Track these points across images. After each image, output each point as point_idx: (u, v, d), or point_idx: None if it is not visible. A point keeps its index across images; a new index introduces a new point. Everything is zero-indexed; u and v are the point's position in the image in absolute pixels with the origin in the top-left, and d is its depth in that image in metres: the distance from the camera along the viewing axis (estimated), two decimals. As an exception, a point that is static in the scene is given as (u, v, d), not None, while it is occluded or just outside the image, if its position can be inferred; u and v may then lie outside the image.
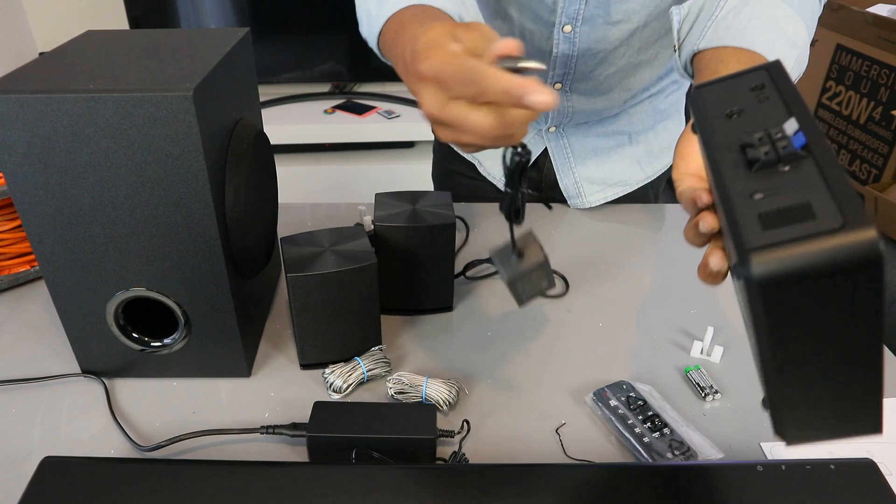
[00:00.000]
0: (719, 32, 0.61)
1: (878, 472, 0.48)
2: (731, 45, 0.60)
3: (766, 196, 0.33)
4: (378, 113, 2.20)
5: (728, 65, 0.58)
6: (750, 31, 0.59)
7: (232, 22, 2.14)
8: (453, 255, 0.71)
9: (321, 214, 0.94)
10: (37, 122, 0.49)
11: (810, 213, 0.31)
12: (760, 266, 0.30)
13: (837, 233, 0.29)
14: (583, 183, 0.95)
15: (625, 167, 0.95)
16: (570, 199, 0.97)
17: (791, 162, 0.34)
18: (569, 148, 0.93)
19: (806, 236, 0.30)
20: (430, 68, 0.46)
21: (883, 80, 1.62)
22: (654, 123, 0.94)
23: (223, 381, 0.64)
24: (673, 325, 0.73)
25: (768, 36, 0.59)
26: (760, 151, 0.35)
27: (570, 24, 0.77)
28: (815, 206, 0.31)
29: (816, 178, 0.32)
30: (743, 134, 0.37)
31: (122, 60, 0.56)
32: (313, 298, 0.60)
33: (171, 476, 0.47)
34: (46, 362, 0.66)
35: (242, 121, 0.63)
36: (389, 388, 0.61)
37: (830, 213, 0.30)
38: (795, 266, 0.30)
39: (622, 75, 0.84)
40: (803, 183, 0.33)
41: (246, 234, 0.58)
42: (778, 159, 0.34)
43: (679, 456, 0.54)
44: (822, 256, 0.29)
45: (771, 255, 0.30)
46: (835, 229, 0.29)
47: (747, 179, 0.35)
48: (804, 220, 0.31)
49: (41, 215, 0.54)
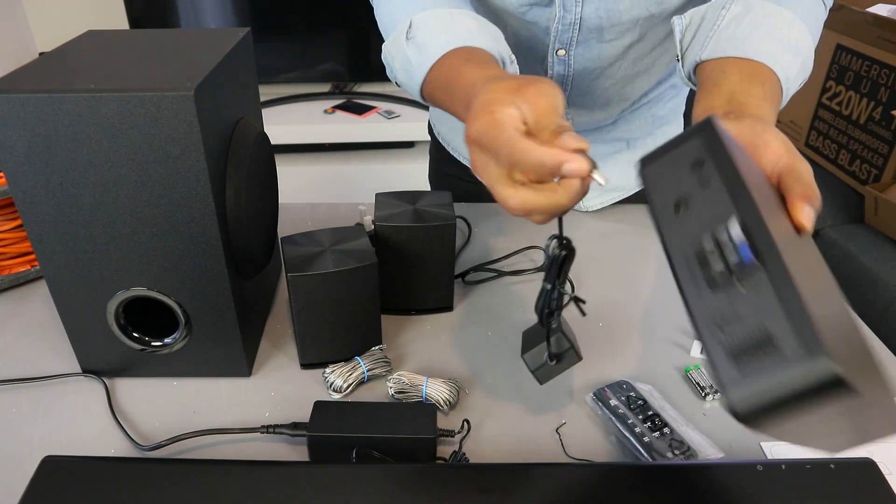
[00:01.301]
0: (721, 43, 0.60)
1: (878, 472, 0.48)
2: (734, 55, 0.59)
3: (728, 326, 0.34)
4: (378, 113, 2.20)
5: (730, 76, 0.57)
6: (752, 41, 0.59)
7: (232, 22, 2.14)
8: (453, 255, 0.71)
9: (321, 214, 0.94)
10: (37, 121, 0.49)
11: (771, 344, 0.32)
12: (741, 404, 0.33)
13: (800, 364, 0.31)
14: None
15: (623, 173, 0.94)
16: None
17: (746, 279, 0.34)
18: None
19: (773, 371, 0.32)
20: (473, 133, 0.46)
21: (883, 80, 1.62)
22: (652, 129, 0.94)
23: (223, 381, 0.64)
24: (673, 325, 0.73)
25: (771, 45, 0.59)
26: (716, 269, 0.35)
27: (564, 48, 0.77)
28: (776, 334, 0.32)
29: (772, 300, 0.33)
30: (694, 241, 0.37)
31: (123, 60, 0.56)
32: (313, 298, 0.60)
33: (172, 476, 0.47)
34: (47, 362, 0.66)
35: (243, 121, 0.63)
36: (389, 388, 0.61)
37: (790, 343, 0.32)
38: (769, 399, 0.32)
39: (620, 86, 0.84)
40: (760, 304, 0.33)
41: (246, 234, 0.58)
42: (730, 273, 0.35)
43: (679, 456, 0.54)
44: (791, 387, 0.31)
45: (746, 392, 0.32)
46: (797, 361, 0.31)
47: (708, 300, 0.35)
48: (768, 352, 0.32)
49: (42, 215, 0.54)
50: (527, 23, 0.76)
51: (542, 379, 0.57)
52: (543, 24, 0.76)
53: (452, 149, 1.01)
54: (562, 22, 0.74)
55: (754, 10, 0.61)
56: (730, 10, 0.62)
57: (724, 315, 0.34)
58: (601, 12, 0.73)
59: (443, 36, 0.62)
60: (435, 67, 0.61)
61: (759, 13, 0.61)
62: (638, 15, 0.73)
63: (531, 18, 0.76)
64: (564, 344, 0.55)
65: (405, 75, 0.65)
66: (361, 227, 0.66)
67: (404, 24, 0.64)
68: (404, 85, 0.68)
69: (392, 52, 0.66)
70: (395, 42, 0.65)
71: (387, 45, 0.68)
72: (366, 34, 2.18)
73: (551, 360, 0.55)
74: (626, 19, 0.73)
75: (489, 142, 0.45)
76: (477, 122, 0.46)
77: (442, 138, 1.03)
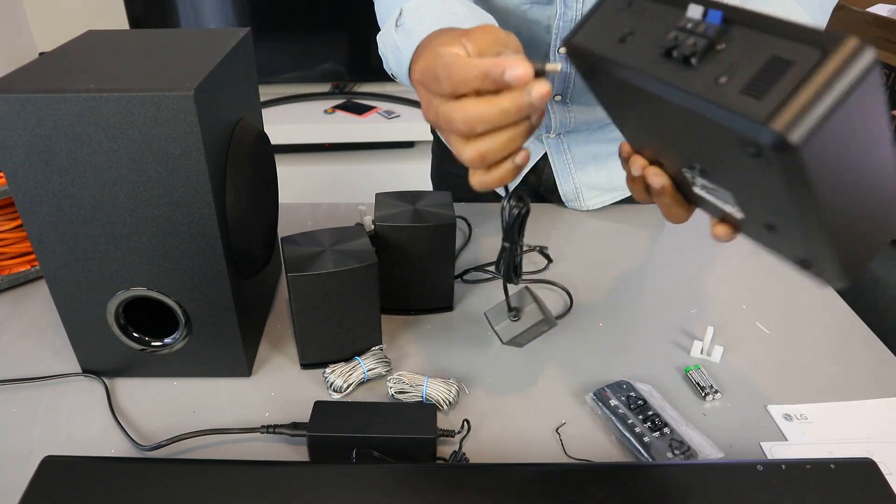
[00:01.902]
0: None
1: (878, 472, 0.48)
2: None
3: (729, 77, 0.31)
4: (378, 113, 2.20)
5: None
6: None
7: (232, 22, 2.14)
8: (454, 255, 0.71)
9: (321, 214, 0.94)
10: (37, 121, 0.49)
11: (786, 63, 0.29)
12: (790, 130, 0.28)
13: (827, 58, 0.27)
14: (582, 188, 0.95)
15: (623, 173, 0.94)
16: (569, 203, 0.96)
17: (723, 37, 0.32)
18: (569, 154, 0.93)
19: (803, 79, 0.28)
20: (416, 73, 0.44)
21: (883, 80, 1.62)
22: None
23: (223, 381, 0.64)
24: (673, 325, 0.73)
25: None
26: (688, 45, 0.33)
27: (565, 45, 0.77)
28: (784, 55, 0.29)
29: (760, 36, 0.30)
30: (655, 44, 0.34)
31: (123, 60, 0.56)
32: (313, 298, 0.60)
33: (172, 476, 0.47)
34: (47, 362, 0.66)
35: (243, 121, 0.63)
36: (389, 388, 0.61)
37: (803, 52, 0.28)
38: (819, 111, 0.28)
39: None
40: (752, 46, 0.31)
41: (246, 233, 0.58)
42: (711, 41, 0.32)
43: (679, 456, 0.54)
44: (834, 86, 0.27)
45: (789, 114, 0.28)
46: (822, 59, 0.28)
47: (696, 75, 0.32)
48: (787, 70, 0.29)
49: (42, 215, 0.54)
50: (528, 21, 0.77)
51: (505, 337, 0.56)
52: (545, 22, 0.76)
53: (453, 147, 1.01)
54: (563, 19, 0.74)
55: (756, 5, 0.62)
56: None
57: (719, 74, 0.31)
58: None
59: (429, 20, 0.61)
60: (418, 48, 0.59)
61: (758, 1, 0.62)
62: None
63: (532, 17, 0.76)
64: (528, 300, 0.55)
65: (395, 63, 0.64)
66: (361, 227, 0.66)
67: (396, 12, 0.64)
68: (396, 74, 0.67)
69: (384, 42, 0.66)
70: (387, 32, 0.65)
71: (380, 36, 0.68)
72: (366, 34, 2.18)
73: (510, 311, 0.55)
74: None
75: (430, 73, 0.43)
76: (419, 62, 0.44)
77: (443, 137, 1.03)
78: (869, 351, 0.69)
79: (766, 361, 0.68)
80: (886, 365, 0.67)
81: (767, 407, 0.62)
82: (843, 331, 0.73)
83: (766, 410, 0.61)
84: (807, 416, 0.61)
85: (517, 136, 0.43)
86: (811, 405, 0.62)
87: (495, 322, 0.57)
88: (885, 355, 0.69)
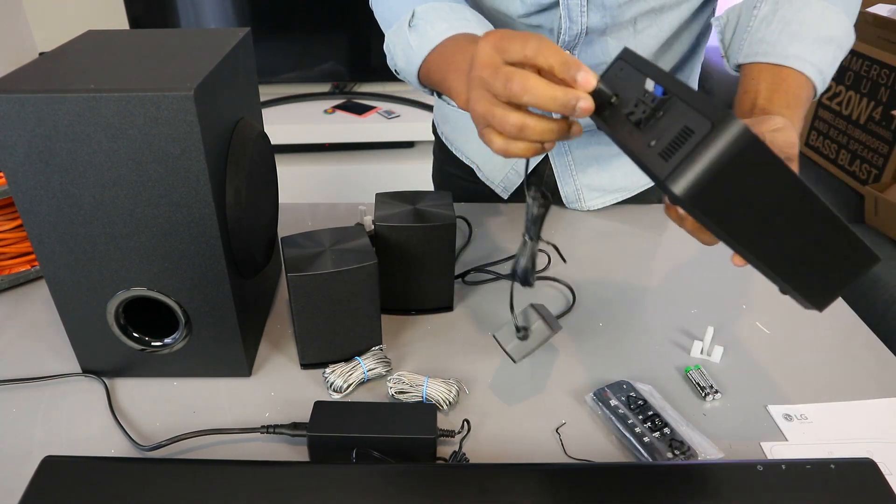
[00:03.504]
0: (754, 47, 0.66)
1: (878, 472, 0.48)
2: (764, 61, 0.64)
3: (657, 140, 0.41)
4: (378, 113, 2.20)
5: (760, 83, 0.63)
6: (781, 44, 0.64)
7: (232, 22, 2.14)
8: (453, 255, 0.71)
9: (321, 214, 0.94)
10: (37, 121, 0.49)
11: (689, 132, 0.38)
12: (677, 187, 0.38)
13: (712, 132, 0.37)
14: (583, 189, 0.95)
15: (626, 174, 0.94)
16: (570, 204, 0.96)
17: (662, 107, 0.42)
18: (570, 155, 0.93)
19: (692, 149, 0.38)
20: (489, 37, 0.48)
21: (883, 80, 1.62)
22: None
23: (223, 381, 0.64)
24: (673, 325, 0.73)
25: (800, 46, 0.63)
26: (638, 112, 0.43)
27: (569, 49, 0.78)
28: (691, 126, 0.38)
29: (683, 107, 0.40)
30: (624, 108, 0.45)
31: (123, 60, 0.56)
32: (313, 298, 0.60)
33: (172, 476, 0.47)
34: (47, 362, 0.66)
35: (243, 121, 0.63)
36: (389, 388, 0.61)
37: (702, 124, 0.38)
38: (697, 173, 0.38)
39: None
40: (676, 116, 0.40)
41: (246, 234, 0.58)
42: (653, 111, 0.42)
43: (679, 456, 0.54)
44: (711, 155, 0.37)
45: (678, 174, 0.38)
46: (709, 131, 0.37)
47: (641, 137, 0.43)
48: (688, 139, 0.38)
49: (42, 215, 0.54)
50: (531, 27, 0.77)
51: (517, 356, 0.58)
52: (548, 26, 0.76)
53: (455, 148, 1.01)
54: (568, 33, 0.75)
55: (784, 8, 0.65)
56: (760, 10, 0.66)
57: (651, 137, 0.42)
58: (607, 19, 0.73)
59: (443, 24, 0.65)
60: (434, 51, 0.65)
61: (788, 9, 0.65)
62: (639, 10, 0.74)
63: (535, 23, 0.76)
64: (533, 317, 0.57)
65: (405, 61, 0.69)
66: (361, 227, 0.66)
67: (408, 14, 0.69)
68: (403, 71, 0.72)
69: (394, 41, 0.71)
70: (398, 31, 0.70)
71: (389, 34, 0.72)
72: (366, 34, 2.18)
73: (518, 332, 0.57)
74: (627, 17, 0.74)
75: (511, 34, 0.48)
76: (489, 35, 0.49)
77: (445, 138, 1.03)
78: (869, 351, 0.69)
79: (766, 361, 0.68)
80: (886, 365, 0.67)
81: (767, 407, 0.62)
82: (843, 331, 0.73)
83: (766, 410, 0.61)
84: (807, 416, 0.61)
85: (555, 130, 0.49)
86: (811, 405, 0.62)
87: (505, 343, 0.58)
88: (885, 355, 0.69)
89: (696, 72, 0.91)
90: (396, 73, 0.73)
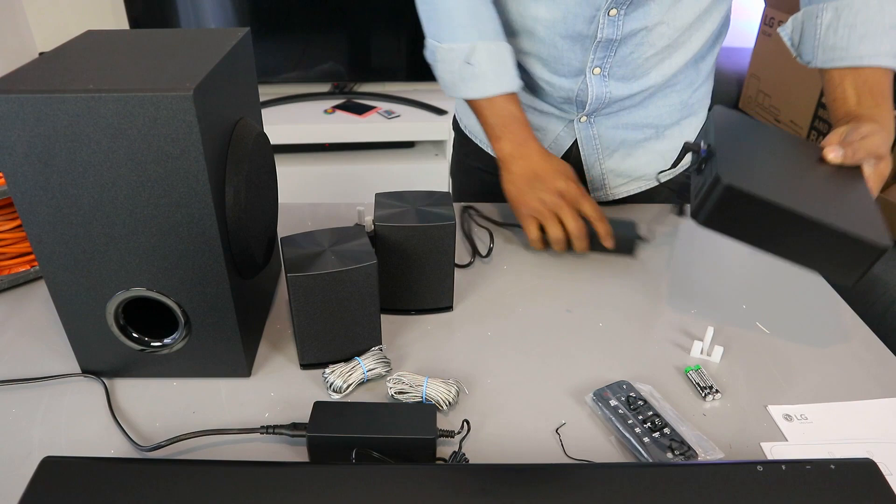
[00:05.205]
0: (828, 53, 0.74)
1: (878, 472, 0.48)
2: (841, 65, 0.73)
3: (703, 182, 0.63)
4: (378, 113, 2.20)
5: (846, 90, 0.73)
6: (852, 47, 0.72)
7: (232, 22, 2.14)
8: (453, 254, 0.71)
9: (321, 214, 0.94)
10: (37, 121, 0.49)
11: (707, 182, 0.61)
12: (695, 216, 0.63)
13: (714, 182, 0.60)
14: (608, 174, 0.96)
15: (650, 161, 0.95)
16: (594, 192, 0.97)
17: (707, 161, 0.65)
18: (598, 139, 0.94)
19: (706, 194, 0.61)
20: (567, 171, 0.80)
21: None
22: (680, 118, 0.94)
23: (223, 381, 0.64)
24: (673, 325, 0.73)
25: (869, 45, 0.70)
26: (695, 163, 0.68)
27: (617, 7, 0.78)
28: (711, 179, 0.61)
29: (711, 164, 0.63)
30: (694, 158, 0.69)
31: (122, 60, 0.56)
32: (313, 298, 0.60)
33: (171, 476, 0.47)
34: (46, 362, 0.66)
35: (242, 121, 0.63)
36: (389, 388, 0.61)
37: (714, 177, 0.60)
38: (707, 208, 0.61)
39: (658, 59, 0.85)
40: (709, 170, 0.63)
41: (246, 234, 0.58)
42: (701, 163, 0.66)
43: (679, 456, 0.54)
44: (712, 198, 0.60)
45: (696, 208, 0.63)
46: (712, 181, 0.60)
47: (696, 179, 0.66)
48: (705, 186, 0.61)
49: (41, 215, 0.54)
50: None
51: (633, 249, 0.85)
52: None
53: (480, 140, 1.03)
54: None
55: (845, 13, 0.71)
56: (822, 19, 0.73)
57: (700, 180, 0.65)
58: None
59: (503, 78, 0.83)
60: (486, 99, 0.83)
61: (849, 14, 0.71)
62: None
63: None
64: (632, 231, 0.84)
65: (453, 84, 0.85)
66: (361, 227, 0.66)
67: (465, 47, 0.81)
68: (447, 85, 0.85)
69: (446, 60, 0.83)
70: (453, 58, 0.82)
71: (441, 50, 0.83)
72: (366, 34, 2.18)
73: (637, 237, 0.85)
74: None
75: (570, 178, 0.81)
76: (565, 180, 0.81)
77: (469, 131, 1.05)
78: (869, 351, 0.69)
79: (766, 361, 0.68)
80: (886, 365, 0.67)
81: (767, 407, 0.62)
82: (843, 331, 0.73)
83: (766, 410, 0.61)
84: (807, 416, 0.61)
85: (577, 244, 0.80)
86: (811, 405, 0.62)
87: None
88: (885, 355, 0.69)
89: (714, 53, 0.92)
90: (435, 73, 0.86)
